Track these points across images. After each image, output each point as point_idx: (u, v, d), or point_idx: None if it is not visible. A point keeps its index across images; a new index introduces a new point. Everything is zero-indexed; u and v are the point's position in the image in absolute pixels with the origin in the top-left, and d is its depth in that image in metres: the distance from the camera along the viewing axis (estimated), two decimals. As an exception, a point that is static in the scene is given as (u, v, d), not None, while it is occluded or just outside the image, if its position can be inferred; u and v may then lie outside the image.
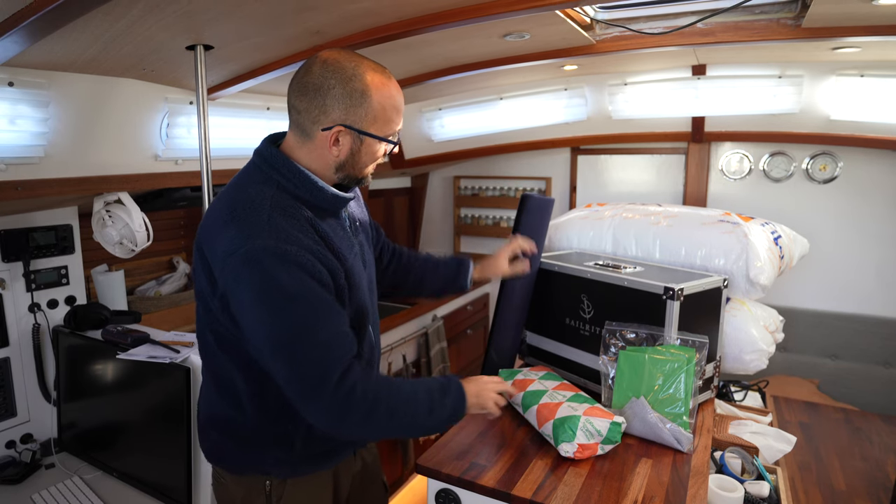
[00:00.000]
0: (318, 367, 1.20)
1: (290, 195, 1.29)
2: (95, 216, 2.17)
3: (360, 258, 1.43)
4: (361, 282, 1.39)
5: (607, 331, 1.65)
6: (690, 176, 3.67)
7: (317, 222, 1.29)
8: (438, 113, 3.73)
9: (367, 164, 1.36)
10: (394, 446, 3.36)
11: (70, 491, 1.84)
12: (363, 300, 1.40)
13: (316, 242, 1.25)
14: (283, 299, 1.18)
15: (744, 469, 1.62)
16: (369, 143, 1.32)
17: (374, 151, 1.34)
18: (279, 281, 1.17)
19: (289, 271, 1.18)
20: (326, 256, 1.25)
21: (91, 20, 1.45)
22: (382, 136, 1.33)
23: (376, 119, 1.30)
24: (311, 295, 1.20)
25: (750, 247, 1.84)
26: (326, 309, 1.22)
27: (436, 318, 3.71)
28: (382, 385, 1.27)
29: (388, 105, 1.32)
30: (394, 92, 1.34)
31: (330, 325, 1.22)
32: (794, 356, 3.41)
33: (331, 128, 1.27)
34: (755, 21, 2.29)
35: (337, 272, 1.27)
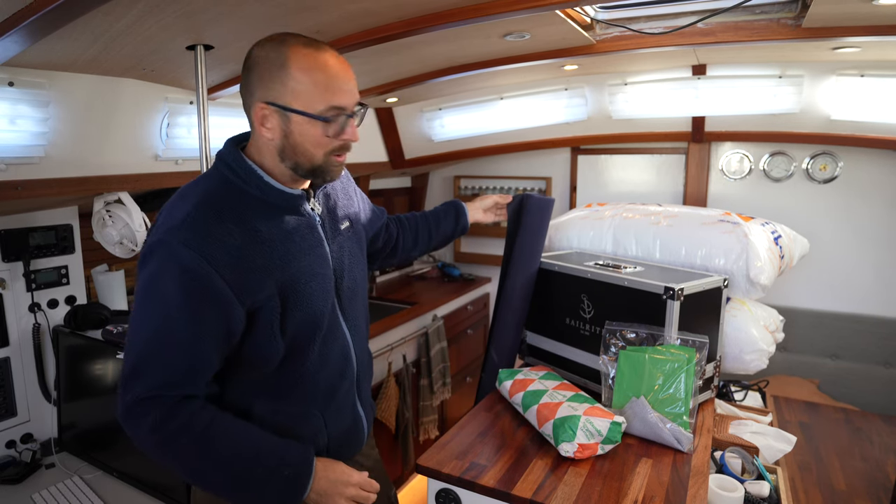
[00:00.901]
0: (134, 368, 1.14)
1: (239, 191, 1.23)
2: (95, 216, 2.17)
3: (327, 259, 1.35)
4: (318, 285, 1.31)
5: (607, 331, 1.65)
6: (690, 176, 3.67)
7: (260, 221, 1.22)
8: (438, 113, 3.73)
9: (309, 148, 1.22)
10: (394, 446, 3.36)
11: (70, 491, 1.84)
12: (315, 306, 1.30)
13: (241, 244, 1.17)
14: (157, 301, 1.14)
15: (744, 469, 1.62)
16: (299, 121, 1.20)
17: (311, 132, 1.21)
18: (162, 283, 1.14)
19: (177, 278, 1.13)
20: (244, 266, 1.17)
21: (91, 20, 1.45)
22: (311, 114, 1.19)
23: (299, 94, 1.18)
24: (183, 311, 1.13)
25: (750, 247, 1.84)
26: (187, 325, 1.14)
27: (436, 317, 3.71)
28: (213, 430, 1.17)
29: (312, 76, 1.18)
30: (321, 63, 1.19)
31: (181, 345, 1.14)
32: (794, 356, 3.41)
33: (256, 107, 1.20)
34: (755, 21, 2.29)
35: (252, 289, 1.18)
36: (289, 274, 1.24)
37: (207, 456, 1.17)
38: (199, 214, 1.16)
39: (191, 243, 1.13)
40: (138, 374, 1.14)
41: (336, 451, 1.41)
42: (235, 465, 1.18)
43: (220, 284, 1.14)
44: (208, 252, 1.13)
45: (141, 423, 1.14)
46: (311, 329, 1.31)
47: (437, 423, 3.70)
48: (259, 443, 1.22)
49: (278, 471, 1.21)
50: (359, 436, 1.52)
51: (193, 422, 1.15)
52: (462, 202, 2.01)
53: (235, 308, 1.17)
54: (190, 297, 1.13)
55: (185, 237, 1.13)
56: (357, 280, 1.47)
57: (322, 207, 1.39)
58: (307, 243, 1.30)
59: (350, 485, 1.29)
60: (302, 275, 1.27)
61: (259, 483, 1.19)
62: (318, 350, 1.34)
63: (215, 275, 1.13)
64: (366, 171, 3.82)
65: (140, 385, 1.13)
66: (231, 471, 1.18)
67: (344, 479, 1.29)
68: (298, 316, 1.27)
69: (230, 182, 1.24)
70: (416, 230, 1.91)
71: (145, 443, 1.16)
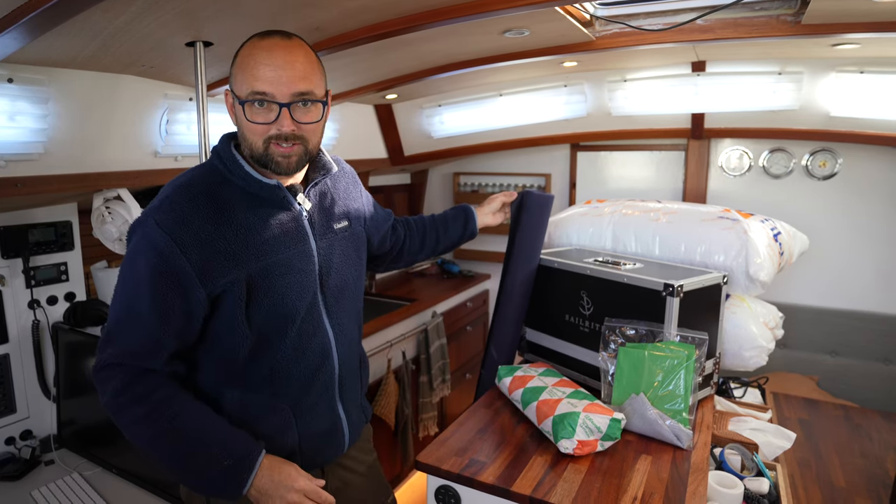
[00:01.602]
0: (107, 334, 1.24)
1: (224, 180, 1.28)
2: (95, 213, 2.17)
3: (311, 255, 1.35)
4: (295, 279, 1.31)
5: (607, 327, 1.65)
6: (690, 172, 3.67)
7: (240, 210, 1.26)
8: (438, 109, 3.72)
9: (247, 134, 1.25)
10: (393, 443, 3.36)
11: (69, 487, 1.84)
12: (288, 299, 1.30)
13: (212, 229, 1.21)
14: (130, 276, 1.23)
15: (743, 466, 1.62)
16: (238, 107, 1.25)
17: (242, 118, 1.25)
18: (136, 260, 1.21)
19: (146, 256, 1.19)
20: (210, 249, 1.21)
21: (90, 17, 1.45)
22: (239, 98, 1.23)
23: (235, 78, 1.24)
24: (148, 287, 1.20)
25: (749, 243, 1.84)
26: (151, 301, 1.20)
27: (435, 314, 3.72)
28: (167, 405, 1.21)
29: (243, 62, 1.23)
30: (255, 49, 1.22)
31: (143, 320, 1.21)
32: (793, 353, 3.41)
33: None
34: (755, 17, 2.28)
35: (215, 272, 1.21)
36: (262, 264, 1.26)
37: (157, 430, 1.20)
38: (176, 197, 1.23)
39: (163, 223, 1.19)
40: (109, 341, 1.24)
41: (310, 454, 1.40)
42: (181, 444, 1.21)
43: (183, 265, 1.19)
44: (177, 233, 1.19)
45: (106, 387, 1.22)
46: (281, 322, 1.31)
47: (436, 419, 3.70)
48: (209, 427, 1.24)
49: (218, 459, 1.21)
50: (337, 439, 1.47)
51: (152, 395, 1.21)
52: (471, 207, 2.00)
53: (196, 289, 1.21)
54: (154, 275, 1.19)
55: (160, 217, 1.20)
56: (348, 280, 1.46)
57: (314, 204, 1.39)
58: (289, 237, 1.31)
59: (293, 490, 1.25)
60: (277, 267, 1.28)
61: (199, 467, 1.22)
62: (291, 343, 1.33)
63: (180, 256, 1.18)
64: (365, 168, 3.82)
65: (109, 351, 1.23)
66: (176, 449, 1.21)
67: (288, 482, 1.26)
68: (267, 307, 1.28)
69: (217, 171, 1.29)
70: (423, 233, 1.90)
71: (109, 405, 1.23)
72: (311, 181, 1.40)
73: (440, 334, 3.71)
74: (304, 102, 1.25)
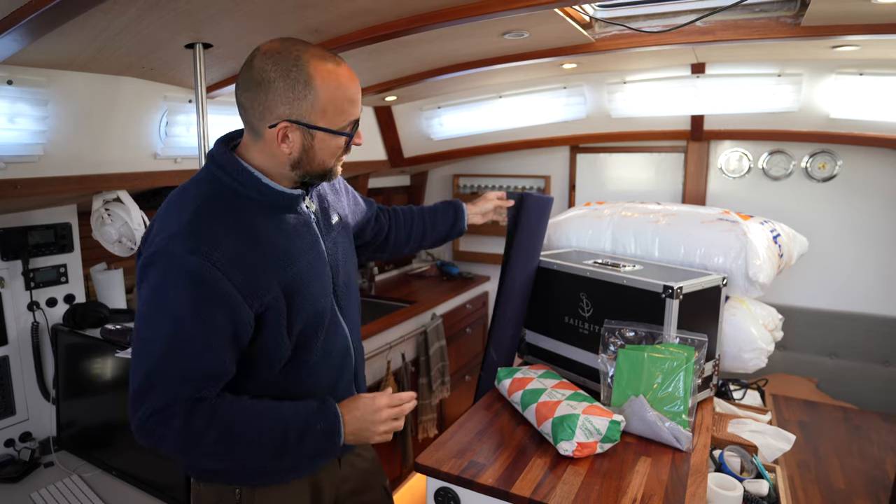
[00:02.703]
0: (148, 380, 1.12)
1: (235, 193, 1.23)
2: (94, 214, 2.17)
3: (324, 257, 1.36)
4: (318, 283, 1.32)
5: (606, 329, 1.65)
6: (689, 174, 3.67)
7: (260, 223, 1.23)
8: (437, 111, 3.72)
9: (325, 159, 1.27)
10: (393, 445, 3.36)
11: (69, 489, 1.84)
12: (318, 304, 1.31)
13: (244, 247, 1.18)
14: (165, 311, 1.12)
15: (743, 467, 1.62)
16: (322, 137, 1.23)
17: (330, 146, 1.25)
18: (170, 293, 1.12)
19: (180, 285, 1.12)
20: (248, 267, 1.17)
21: (90, 18, 1.45)
22: (335, 130, 1.23)
23: (325, 112, 1.21)
24: (192, 318, 1.12)
25: (749, 245, 1.84)
26: (198, 332, 1.13)
27: (435, 316, 3.72)
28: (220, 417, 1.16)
29: (337, 95, 1.21)
30: (343, 80, 1.22)
31: (193, 356, 1.13)
32: (793, 354, 3.41)
33: (276, 124, 1.19)
34: (754, 19, 2.29)
35: (258, 290, 1.18)
36: (291, 273, 1.25)
37: (240, 438, 1.19)
38: (198, 219, 1.16)
39: (194, 249, 1.12)
40: (153, 386, 1.12)
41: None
42: (268, 437, 1.21)
43: (228, 288, 1.13)
44: (214, 256, 1.12)
45: (163, 432, 1.13)
46: (314, 326, 1.32)
47: (435, 421, 3.70)
48: (282, 410, 1.24)
49: (310, 429, 1.25)
50: None
51: (216, 413, 1.16)
52: (462, 203, 1.97)
53: (244, 311, 1.17)
54: (200, 303, 1.12)
55: (188, 243, 1.12)
56: (350, 275, 1.48)
57: (315, 205, 1.40)
58: (305, 242, 1.31)
59: (379, 411, 1.32)
60: (304, 273, 1.28)
61: (296, 445, 1.23)
62: (321, 346, 1.35)
63: (223, 279, 1.13)
64: (365, 170, 3.82)
65: (155, 397, 1.12)
66: (266, 443, 1.21)
67: (371, 409, 1.32)
68: (303, 314, 1.28)
69: (224, 184, 1.24)
70: (410, 225, 1.88)
71: (175, 449, 1.17)
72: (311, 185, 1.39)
73: (440, 336, 3.71)
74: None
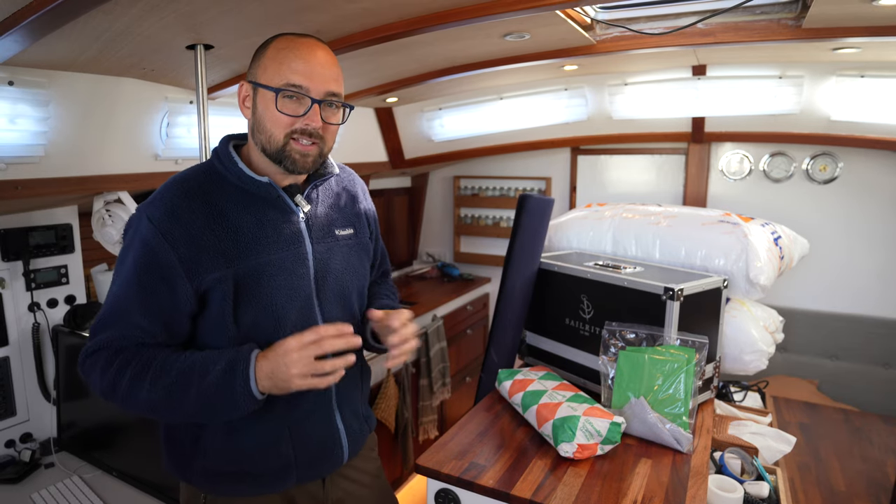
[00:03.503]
0: (95, 325, 1.25)
1: (219, 177, 1.29)
2: (95, 215, 2.18)
3: (305, 259, 1.31)
4: (286, 281, 1.28)
5: (607, 331, 1.64)
6: (690, 176, 3.67)
7: (232, 207, 1.25)
8: (438, 113, 3.73)
9: (267, 125, 1.24)
10: (393, 446, 3.36)
11: (69, 490, 1.84)
12: (278, 302, 1.27)
13: (202, 224, 1.21)
14: (121, 269, 1.24)
15: (743, 469, 1.62)
16: (262, 95, 1.24)
17: (269, 107, 1.23)
18: (128, 254, 1.23)
19: (135, 250, 1.21)
20: (199, 245, 1.20)
21: (91, 19, 1.45)
22: (273, 86, 1.22)
23: (266, 68, 1.24)
24: (136, 280, 1.21)
25: (750, 247, 1.84)
26: (137, 294, 1.21)
27: (435, 317, 3.72)
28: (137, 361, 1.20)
29: (282, 55, 1.23)
30: (295, 44, 1.24)
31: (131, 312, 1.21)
32: (793, 357, 3.41)
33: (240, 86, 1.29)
34: (755, 21, 2.29)
35: (202, 268, 1.20)
36: (251, 264, 1.24)
37: (149, 380, 1.18)
38: (168, 193, 1.24)
39: (153, 218, 1.20)
40: (96, 331, 1.24)
41: (305, 467, 1.36)
42: (175, 379, 1.18)
43: (170, 258, 1.19)
44: (166, 227, 1.19)
45: (93, 371, 1.22)
46: (271, 325, 1.27)
47: (436, 423, 3.70)
48: (197, 355, 1.22)
49: (213, 369, 1.18)
50: (335, 451, 1.41)
51: (135, 356, 1.20)
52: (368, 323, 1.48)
53: (182, 282, 1.20)
54: (142, 268, 1.20)
55: (151, 212, 1.21)
56: (348, 287, 1.42)
57: (314, 207, 1.37)
58: (282, 238, 1.29)
59: (291, 351, 1.17)
60: (268, 267, 1.26)
61: (198, 388, 1.17)
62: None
63: (169, 249, 1.19)
64: (366, 171, 3.82)
65: (95, 340, 1.23)
66: (173, 386, 1.18)
67: (282, 350, 1.17)
68: (255, 308, 1.25)
69: (213, 169, 1.30)
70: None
71: (99, 390, 1.23)
72: (311, 183, 1.38)
73: (440, 338, 3.71)
74: (331, 103, 1.27)
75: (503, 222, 4.40)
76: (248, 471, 1.32)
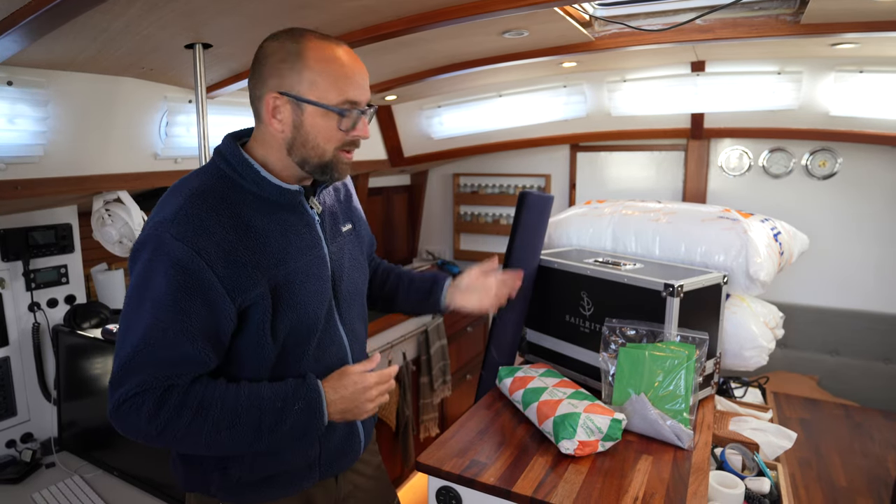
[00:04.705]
0: (125, 365, 1.11)
1: (234, 185, 1.21)
2: (95, 215, 2.17)
3: (325, 261, 1.31)
4: (313, 286, 1.27)
5: (607, 328, 1.64)
6: (690, 172, 3.67)
7: (256, 217, 1.20)
8: (437, 110, 3.73)
9: (320, 141, 1.21)
10: (394, 444, 3.36)
11: (70, 490, 1.84)
12: (310, 308, 1.26)
13: (234, 239, 1.15)
14: (147, 296, 1.11)
15: (744, 465, 1.62)
16: (312, 112, 1.19)
17: (323, 125, 1.20)
18: (153, 278, 1.11)
19: (164, 272, 1.10)
20: (236, 261, 1.14)
21: (90, 19, 1.45)
22: (326, 105, 1.18)
23: (314, 84, 1.17)
24: (172, 300, 1.10)
25: (750, 243, 1.84)
26: (177, 321, 1.10)
27: (436, 315, 3.71)
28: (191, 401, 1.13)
29: (329, 68, 1.18)
30: (339, 55, 1.20)
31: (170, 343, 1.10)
32: (794, 352, 3.41)
33: (266, 95, 1.19)
34: (754, 17, 2.29)
35: (244, 285, 1.15)
36: (283, 273, 1.21)
37: (212, 422, 1.13)
38: (190, 207, 1.14)
39: (182, 236, 1.10)
40: (129, 371, 1.11)
41: (328, 463, 1.38)
42: (243, 419, 1.15)
43: (210, 278, 1.11)
44: (200, 245, 1.11)
45: (134, 419, 1.11)
46: (305, 332, 1.27)
47: (437, 420, 3.70)
48: (258, 391, 1.19)
49: (289, 409, 1.19)
50: (354, 447, 1.45)
51: (187, 398, 1.12)
52: (446, 278, 1.68)
53: (226, 304, 1.14)
54: (181, 291, 1.10)
55: (177, 230, 1.11)
56: (357, 284, 1.43)
57: (323, 208, 1.36)
58: (304, 242, 1.27)
59: (369, 389, 1.27)
60: (297, 275, 1.24)
61: (273, 427, 1.18)
62: (313, 354, 1.29)
63: (207, 269, 1.11)
64: (365, 169, 3.82)
65: (130, 382, 1.10)
66: (242, 426, 1.15)
67: (362, 387, 1.26)
68: (291, 317, 1.23)
69: (225, 175, 1.22)
70: (384, 280, 1.73)
71: (144, 435, 1.13)
72: (319, 183, 1.35)
73: (441, 335, 3.71)
74: (370, 109, 1.27)
75: (503, 220, 4.40)
76: (273, 474, 1.31)
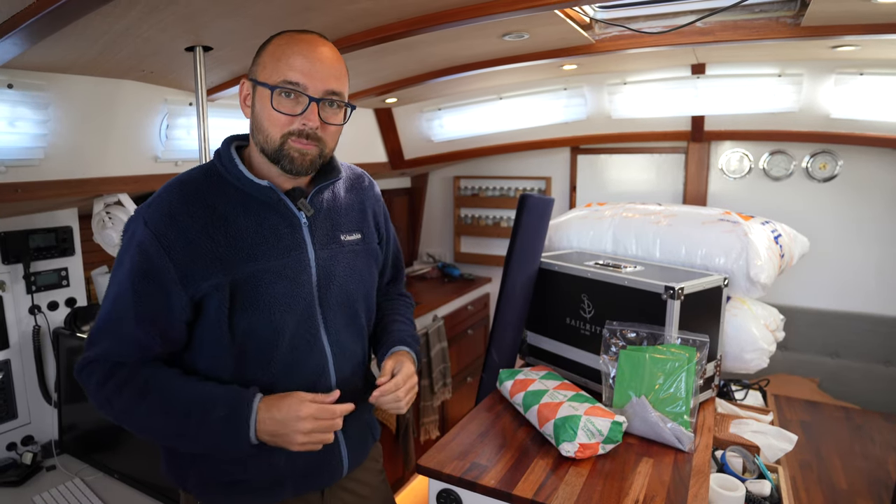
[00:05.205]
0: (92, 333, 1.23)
1: (220, 179, 1.24)
2: (95, 218, 2.17)
3: (307, 266, 1.27)
4: (285, 289, 1.24)
5: (608, 330, 1.64)
6: (690, 175, 3.67)
7: (232, 211, 1.21)
8: (438, 113, 3.73)
9: (265, 124, 1.20)
10: (394, 447, 3.36)
11: (71, 493, 1.84)
12: (277, 310, 1.23)
13: (200, 229, 1.18)
14: (116, 275, 1.21)
15: (745, 468, 1.62)
16: (260, 93, 1.20)
17: (266, 105, 1.19)
18: (124, 258, 1.20)
19: (130, 254, 1.18)
20: (195, 250, 1.17)
21: (90, 22, 1.45)
22: (270, 84, 1.17)
23: (264, 65, 1.20)
24: (130, 287, 1.17)
25: (750, 245, 1.84)
26: (132, 301, 1.17)
27: (436, 317, 3.71)
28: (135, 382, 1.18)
29: (278, 49, 1.19)
30: (294, 40, 1.20)
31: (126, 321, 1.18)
32: (794, 355, 3.41)
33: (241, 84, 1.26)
34: (754, 20, 2.29)
35: (198, 275, 1.17)
36: (249, 270, 1.20)
37: (147, 405, 1.17)
38: (166, 194, 1.21)
39: (149, 222, 1.17)
40: (93, 341, 1.22)
41: (301, 478, 1.32)
42: (173, 411, 1.17)
43: (165, 264, 1.16)
44: (161, 231, 1.16)
45: (89, 382, 1.21)
46: (269, 335, 1.23)
47: (437, 423, 3.69)
48: (198, 388, 1.20)
49: (213, 412, 1.16)
50: (332, 464, 1.37)
51: (133, 377, 1.19)
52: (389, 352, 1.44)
53: (177, 290, 1.17)
54: (137, 274, 1.17)
55: (147, 215, 1.19)
56: (353, 296, 1.37)
57: (319, 211, 1.32)
58: (284, 244, 1.25)
59: (302, 419, 1.16)
60: (266, 274, 1.22)
61: (196, 427, 1.17)
62: (282, 360, 1.26)
63: (163, 254, 1.16)
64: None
65: (92, 349, 1.21)
66: (170, 417, 1.18)
67: (293, 415, 1.16)
68: (252, 317, 1.21)
69: (213, 171, 1.26)
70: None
71: (96, 399, 1.21)
72: (316, 186, 1.32)
73: (441, 338, 3.71)
74: (332, 103, 1.22)
75: (503, 222, 4.40)
76: (240, 480, 1.28)
